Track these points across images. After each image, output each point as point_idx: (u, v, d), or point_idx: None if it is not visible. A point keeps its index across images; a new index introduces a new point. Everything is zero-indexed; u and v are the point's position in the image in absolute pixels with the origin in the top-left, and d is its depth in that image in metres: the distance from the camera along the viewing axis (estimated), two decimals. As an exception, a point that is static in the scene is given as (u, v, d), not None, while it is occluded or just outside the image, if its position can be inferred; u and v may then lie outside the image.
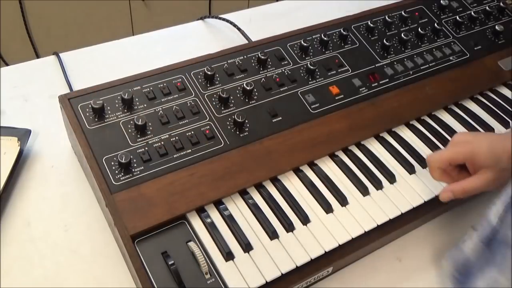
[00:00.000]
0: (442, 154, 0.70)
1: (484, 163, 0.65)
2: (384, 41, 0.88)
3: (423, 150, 0.78)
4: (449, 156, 0.69)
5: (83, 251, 0.69)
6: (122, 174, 0.66)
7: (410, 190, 0.73)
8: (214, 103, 0.75)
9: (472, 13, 0.98)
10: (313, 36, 0.87)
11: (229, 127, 0.73)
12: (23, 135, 0.78)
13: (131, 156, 0.66)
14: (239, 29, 1.03)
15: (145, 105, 0.73)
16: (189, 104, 0.74)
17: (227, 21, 1.05)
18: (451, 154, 0.69)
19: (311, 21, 0.90)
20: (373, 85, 0.83)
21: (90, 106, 0.70)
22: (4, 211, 0.72)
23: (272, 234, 0.65)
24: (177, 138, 0.70)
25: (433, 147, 0.79)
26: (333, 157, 0.75)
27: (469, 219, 0.79)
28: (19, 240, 0.69)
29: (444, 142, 0.80)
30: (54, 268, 0.67)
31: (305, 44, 0.84)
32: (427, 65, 0.88)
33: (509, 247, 0.51)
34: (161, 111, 0.73)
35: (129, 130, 0.70)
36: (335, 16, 0.93)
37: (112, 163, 0.66)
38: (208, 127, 0.73)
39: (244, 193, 0.69)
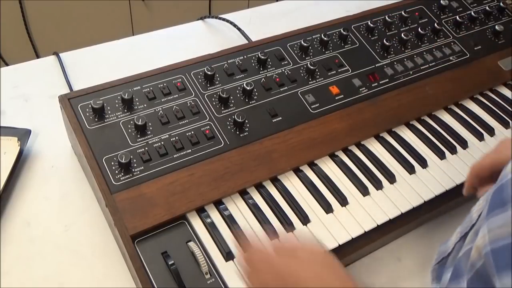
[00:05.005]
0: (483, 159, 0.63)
1: None
2: (384, 41, 0.88)
3: (423, 150, 0.78)
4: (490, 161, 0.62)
5: (83, 251, 0.69)
6: (122, 174, 0.66)
7: (410, 190, 0.73)
8: (214, 103, 0.75)
9: (472, 13, 0.98)
10: (313, 36, 0.87)
11: (229, 127, 0.73)
12: (23, 135, 0.78)
13: (131, 156, 0.66)
14: (239, 29, 1.03)
15: (145, 105, 0.73)
16: (189, 104, 0.74)
17: (227, 21, 1.05)
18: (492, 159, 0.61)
19: (311, 21, 0.90)
20: (373, 85, 0.83)
21: (90, 106, 0.70)
22: (4, 211, 0.72)
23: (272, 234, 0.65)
24: (177, 138, 0.70)
25: (433, 147, 0.79)
26: (333, 157, 0.75)
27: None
28: (19, 240, 0.69)
29: (445, 142, 0.80)
30: (54, 268, 0.67)
31: (305, 44, 0.84)
32: (427, 65, 0.88)
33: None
34: (161, 111, 0.73)
35: (129, 130, 0.70)
36: (335, 16, 0.93)
37: (112, 163, 0.66)
38: (208, 127, 0.73)
39: (244, 193, 0.69)
